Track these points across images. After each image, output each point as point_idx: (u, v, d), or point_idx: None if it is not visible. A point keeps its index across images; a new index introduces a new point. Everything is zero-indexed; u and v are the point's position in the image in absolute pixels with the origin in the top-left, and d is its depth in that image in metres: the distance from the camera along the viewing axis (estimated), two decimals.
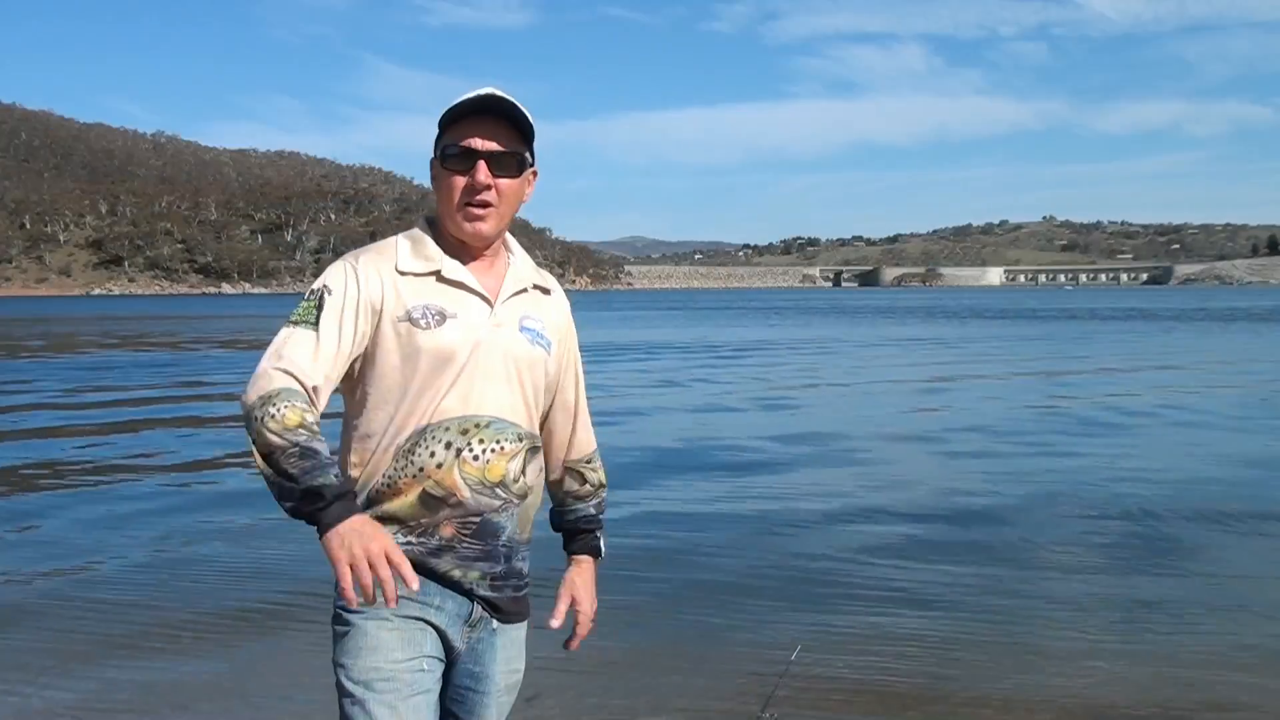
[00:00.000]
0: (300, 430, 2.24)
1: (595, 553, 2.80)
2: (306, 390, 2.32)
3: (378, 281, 2.46)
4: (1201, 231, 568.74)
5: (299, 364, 2.33)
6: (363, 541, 2.19)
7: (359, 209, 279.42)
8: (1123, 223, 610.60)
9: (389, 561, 2.18)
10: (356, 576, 2.17)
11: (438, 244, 2.54)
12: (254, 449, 2.26)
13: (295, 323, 2.40)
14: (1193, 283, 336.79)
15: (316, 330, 2.38)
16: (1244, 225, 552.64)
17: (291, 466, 2.22)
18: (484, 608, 2.53)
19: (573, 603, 2.74)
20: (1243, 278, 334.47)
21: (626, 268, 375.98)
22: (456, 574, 2.48)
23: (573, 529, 2.79)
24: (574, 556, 2.78)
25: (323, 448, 2.26)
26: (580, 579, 2.76)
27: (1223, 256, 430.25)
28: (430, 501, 2.44)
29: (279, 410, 2.24)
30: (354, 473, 2.48)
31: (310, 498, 2.22)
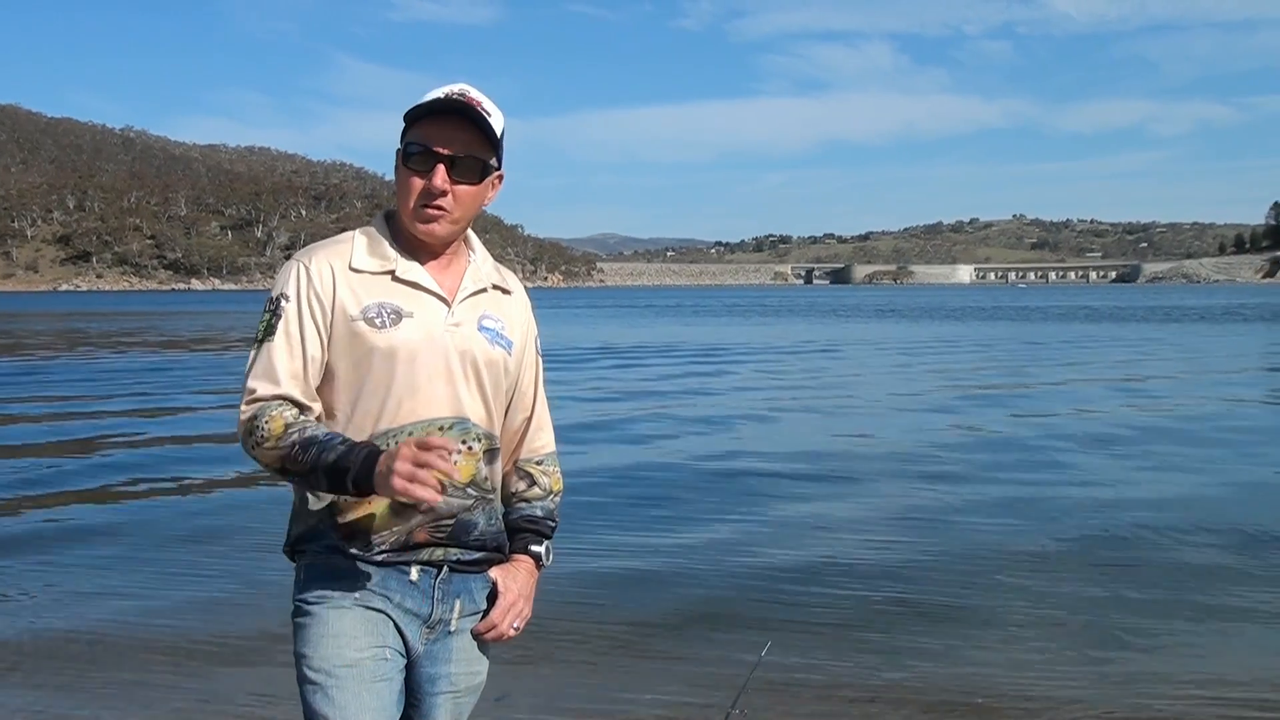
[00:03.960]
0: (289, 431, 2.30)
1: (534, 557, 2.65)
2: (286, 402, 2.35)
3: (330, 280, 2.42)
4: (1169, 230, 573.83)
5: (269, 384, 2.36)
6: (400, 465, 2.18)
7: (330, 205, 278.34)
8: (1092, 221, 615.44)
9: (424, 458, 2.18)
10: (422, 485, 2.18)
11: (396, 240, 2.50)
12: (271, 472, 2.36)
13: (260, 340, 2.41)
14: (1160, 281, 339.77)
15: (283, 344, 2.38)
16: (1211, 224, 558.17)
17: (303, 465, 2.28)
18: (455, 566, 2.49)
19: (495, 590, 2.58)
20: (1209, 276, 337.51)
21: (599, 265, 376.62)
22: (425, 554, 2.46)
23: (514, 527, 2.66)
24: (512, 555, 2.64)
25: (315, 429, 2.32)
26: (509, 575, 2.59)
27: (1190, 255, 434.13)
28: (400, 509, 2.40)
29: (264, 429, 2.30)
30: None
31: (335, 479, 2.27)
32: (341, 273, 2.43)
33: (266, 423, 2.31)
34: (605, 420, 16.33)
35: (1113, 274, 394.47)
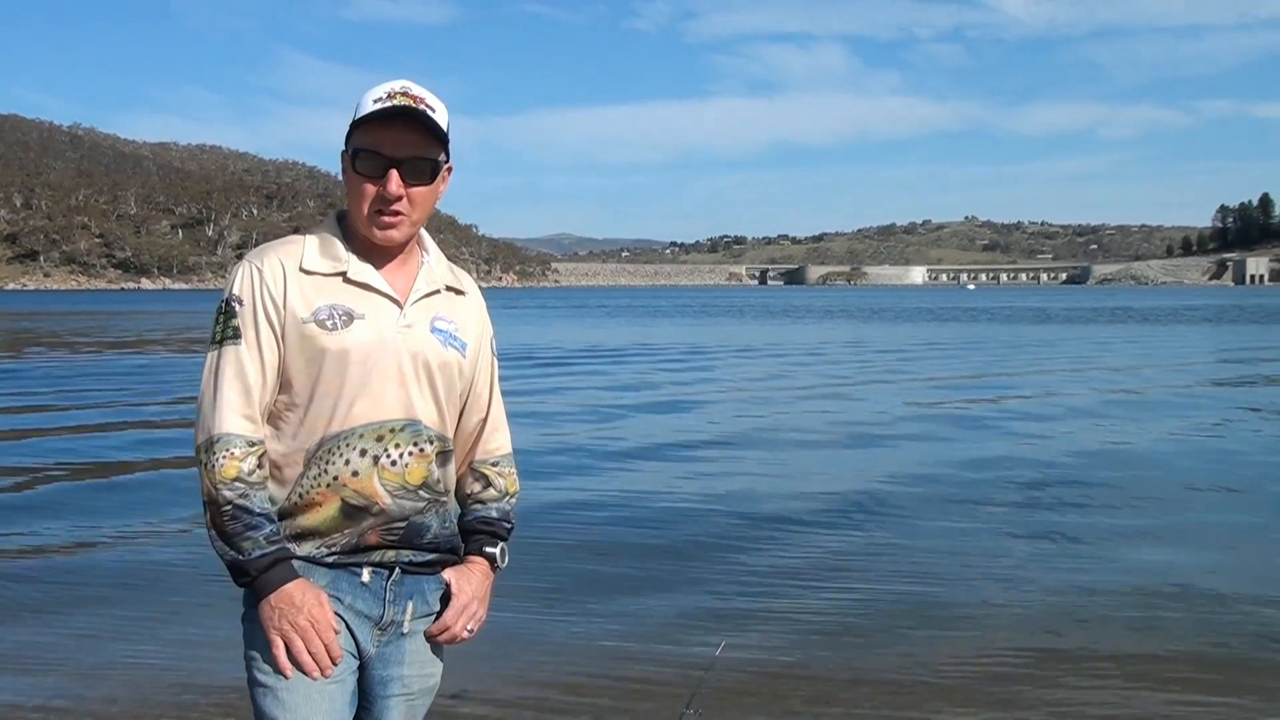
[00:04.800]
0: (236, 484, 2.31)
1: (489, 559, 2.62)
2: (248, 423, 2.36)
3: (281, 282, 2.39)
4: (1118, 232, 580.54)
5: (233, 398, 2.35)
6: (291, 616, 2.30)
7: (282, 204, 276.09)
8: (1042, 223, 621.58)
9: (318, 632, 2.31)
10: (289, 649, 2.31)
11: (348, 242, 2.47)
12: (200, 490, 2.37)
13: (217, 343, 2.39)
14: (1110, 282, 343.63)
15: (239, 349, 2.37)
16: (1159, 226, 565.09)
17: (224, 526, 2.32)
18: (407, 567, 2.49)
19: (449, 592, 2.55)
20: (1157, 278, 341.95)
21: (554, 265, 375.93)
22: (377, 556, 2.45)
23: (468, 529, 2.63)
24: (467, 557, 2.61)
25: (257, 502, 2.32)
26: (463, 576, 2.57)
27: (1138, 257, 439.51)
28: (352, 512, 2.39)
29: (217, 460, 2.31)
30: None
31: (235, 571, 2.34)
32: (293, 274, 2.40)
33: (222, 458, 2.31)
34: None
35: (1063, 275, 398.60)
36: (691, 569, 7.76)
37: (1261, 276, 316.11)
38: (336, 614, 2.39)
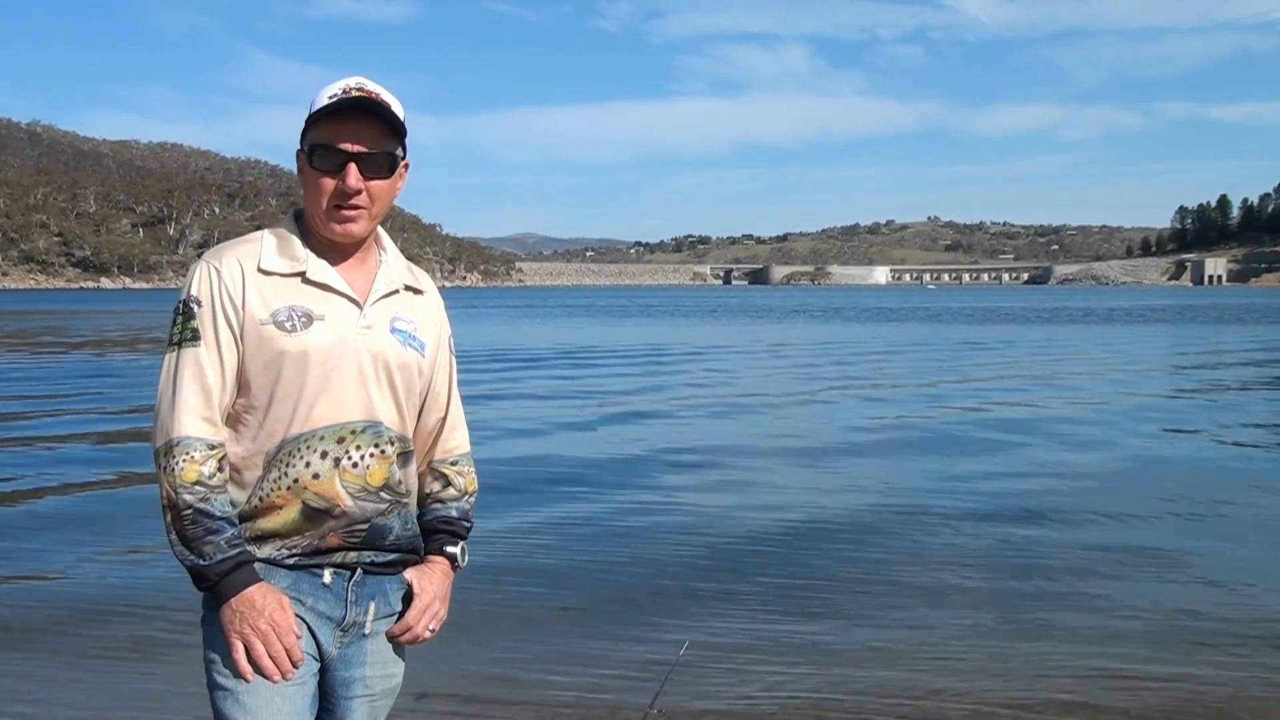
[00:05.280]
0: (196, 487, 2.29)
1: (450, 558, 2.62)
2: (207, 426, 2.34)
3: (240, 283, 2.37)
4: (1079, 233, 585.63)
5: (192, 401, 2.33)
6: (252, 620, 2.30)
7: (244, 203, 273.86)
8: (1004, 223, 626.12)
9: (279, 636, 2.31)
10: (249, 653, 2.31)
11: (306, 241, 2.45)
12: (160, 494, 2.35)
13: (175, 344, 2.37)
14: (1071, 282, 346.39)
15: (197, 351, 2.35)
16: (1119, 227, 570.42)
17: (184, 530, 2.30)
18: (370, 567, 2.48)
19: (410, 592, 2.54)
20: (1117, 278, 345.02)
21: (518, 264, 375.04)
22: (338, 557, 2.44)
23: (428, 528, 2.62)
24: (428, 556, 2.61)
25: (217, 505, 2.31)
26: (424, 576, 2.57)
27: (1099, 257, 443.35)
28: (313, 514, 2.38)
29: (177, 464, 2.30)
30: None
31: (196, 576, 2.33)
32: (251, 274, 2.39)
33: (184, 462, 2.30)
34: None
35: (1025, 275, 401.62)
36: (656, 570, 7.76)
37: (1220, 277, 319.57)
38: (298, 616, 2.38)
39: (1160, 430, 15.23)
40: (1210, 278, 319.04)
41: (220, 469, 2.34)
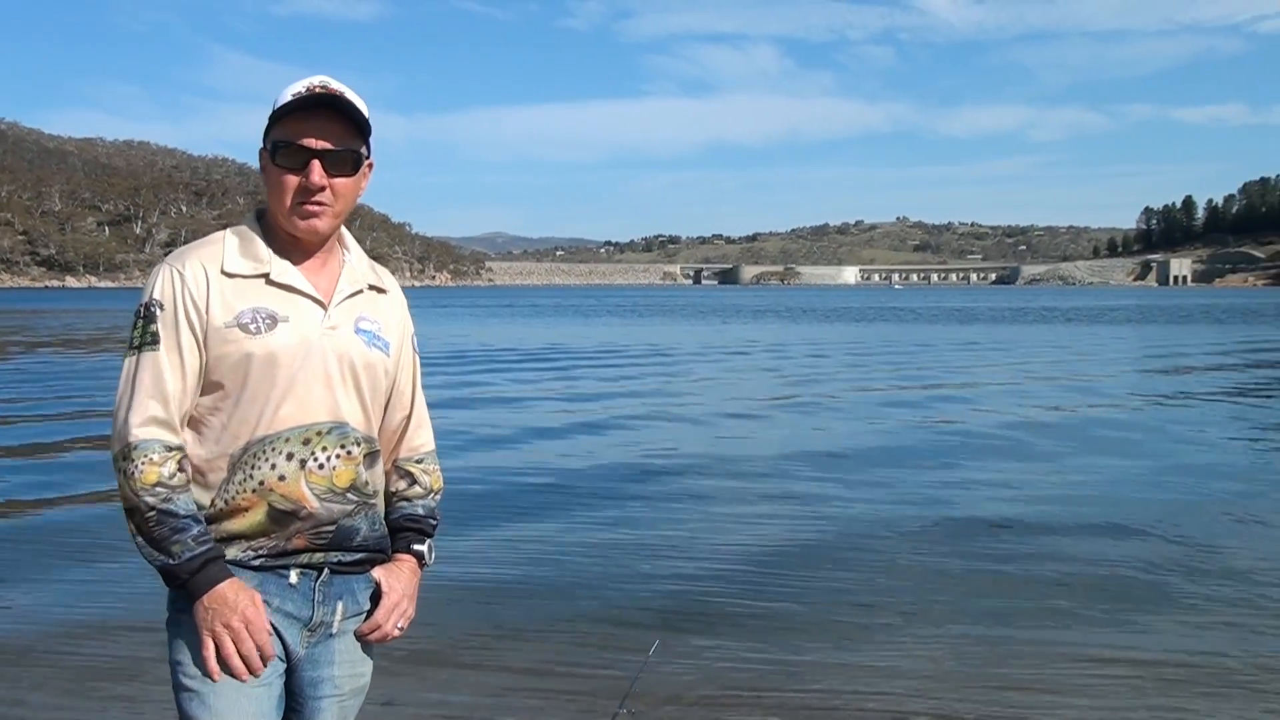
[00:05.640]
0: (157, 489, 2.27)
1: (417, 556, 2.61)
2: (165, 429, 2.32)
3: (204, 286, 2.36)
4: (1047, 233, 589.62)
5: (150, 404, 2.31)
6: (224, 617, 2.28)
7: (212, 201, 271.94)
8: (972, 224, 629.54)
9: (252, 633, 2.29)
10: (219, 650, 2.29)
11: (269, 240, 2.44)
12: (121, 499, 2.33)
13: (135, 348, 2.35)
14: (1038, 282, 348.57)
15: (157, 355, 2.33)
16: (1086, 228, 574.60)
17: (150, 532, 2.29)
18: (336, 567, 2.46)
19: (379, 590, 2.53)
20: (1084, 278, 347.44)
21: (488, 264, 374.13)
22: (304, 558, 2.42)
23: (395, 526, 2.61)
24: (395, 554, 2.59)
25: (181, 504, 2.29)
26: (392, 574, 2.55)
27: (1066, 257, 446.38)
28: (279, 516, 2.36)
29: (136, 467, 2.28)
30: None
31: (167, 576, 2.31)
32: (214, 277, 2.37)
33: (143, 464, 2.28)
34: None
35: (993, 276, 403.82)
36: (624, 572, 7.76)
37: (1184, 277, 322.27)
38: None
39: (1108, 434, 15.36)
40: (1175, 278, 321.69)
41: (181, 469, 2.32)
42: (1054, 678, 5.62)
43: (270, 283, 2.40)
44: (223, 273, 2.38)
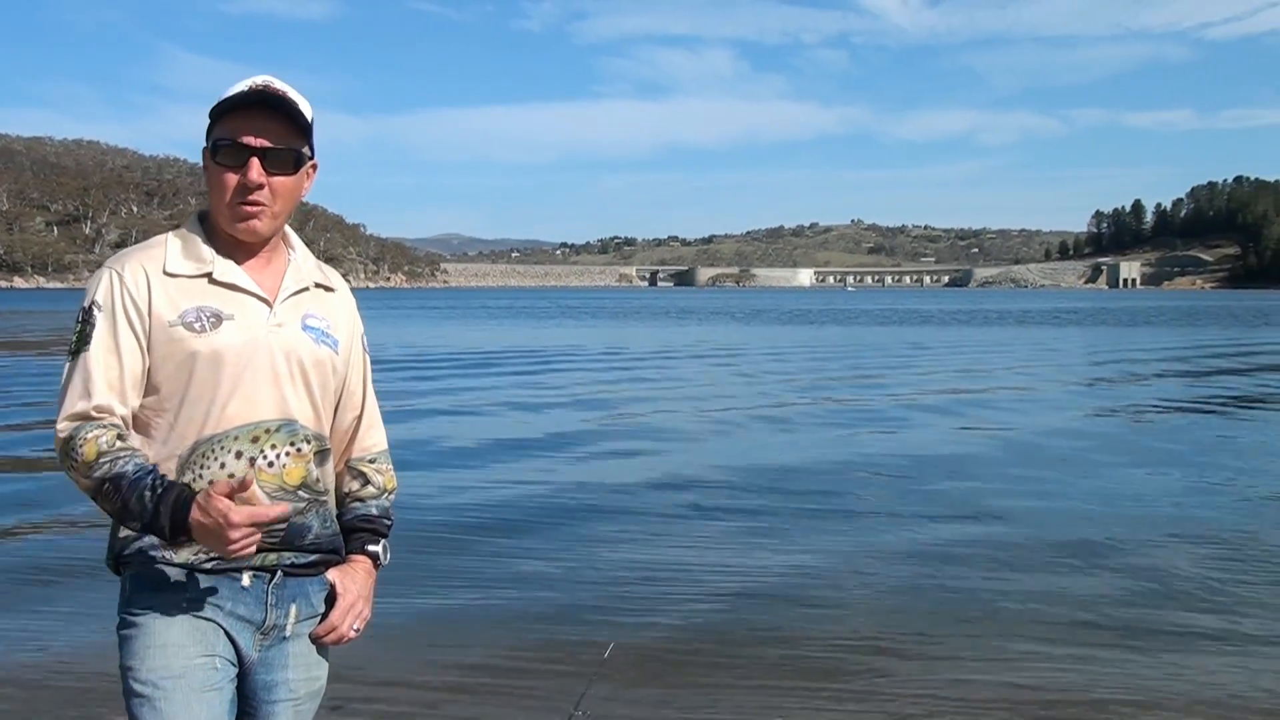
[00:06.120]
0: (100, 460, 2.24)
1: (372, 556, 2.60)
2: (94, 411, 2.29)
3: (145, 286, 2.34)
4: (999, 236, 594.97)
5: (85, 400, 2.29)
6: (213, 535, 2.20)
7: (163, 201, 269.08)
8: (926, 227, 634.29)
9: (237, 523, 2.18)
10: (234, 550, 2.21)
11: (211, 241, 2.42)
12: (80, 490, 2.32)
13: (74, 353, 2.33)
14: (991, 285, 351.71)
15: (88, 355, 2.31)
16: (1038, 231, 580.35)
17: (113, 505, 2.25)
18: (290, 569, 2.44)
19: (333, 592, 2.51)
20: (1036, 281, 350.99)
21: (443, 265, 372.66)
22: (257, 559, 2.38)
23: (349, 527, 2.59)
24: (349, 556, 2.57)
25: (129, 465, 2.25)
26: (347, 575, 2.54)
27: (1018, 260, 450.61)
28: None
29: (78, 452, 2.25)
30: None
31: (149, 530, 2.26)
32: (156, 277, 2.35)
33: (81, 445, 2.25)
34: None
35: (946, 278, 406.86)
36: (580, 573, 7.77)
37: (1134, 280, 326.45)
38: (213, 621, 2.35)
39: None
40: (1125, 281, 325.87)
41: (120, 437, 2.29)
42: None
43: (214, 282, 2.38)
44: (165, 273, 2.36)
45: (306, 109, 2.40)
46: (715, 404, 19.15)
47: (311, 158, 2.46)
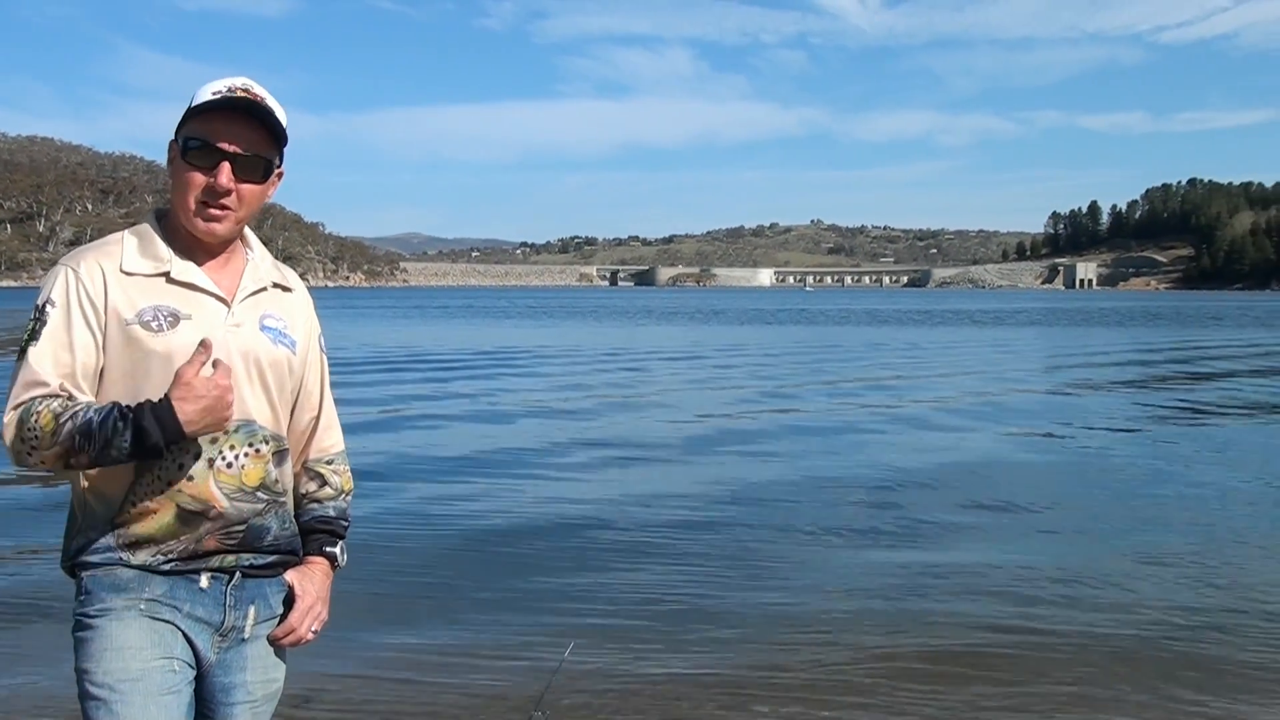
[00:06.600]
0: (61, 422, 2.19)
1: (329, 558, 2.59)
2: (41, 389, 2.24)
3: (101, 284, 2.31)
4: (957, 237, 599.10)
5: (36, 387, 2.24)
6: (210, 409, 2.22)
7: (119, 199, 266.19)
8: (885, 227, 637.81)
9: (227, 385, 2.24)
10: (221, 412, 2.24)
11: (169, 239, 2.40)
12: (57, 470, 2.27)
13: (24, 349, 2.29)
14: (949, 285, 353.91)
15: (47, 347, 2.27)
16: (995, 232, 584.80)
17: (91, 448, 2.19)
18: (248, 570, 2.42)
19: (292, 594, 2.50)
20: (994, 281, 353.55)
21: (403, 264, 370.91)
22: (215, 561, 2.38)
23: (306, 529, 2.58)
24: (307, 557, 2.57)
25: (87, 411, 2.20)
26: (305, 577, 2.53)
27: (976, 261, 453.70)
28: (189, 518, 2.32)
29: (34, 429, 2.20)
30: (88, 497, 2.35)
31: (142, 451, 2.22)
32: (113, 275, 2.32)
33: (35, 420, 2.19)
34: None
35: (905, 279, 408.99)
36: (538, 574, 7.76)
37: (1090, 281, 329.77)
38: (172, 623, 2.33)
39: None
40: (1082, 281, 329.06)
41: (70, 398, 2.24)
42: None
43: (171, 281, 2.35)
44: (121, 271, 2.33)
45: (282, 118, 2.39)
46: (664, 413, 19.17)
47: (280, 166, 2.45)
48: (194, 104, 2.33)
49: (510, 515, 9.74)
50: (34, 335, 2.28)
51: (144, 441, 2.19)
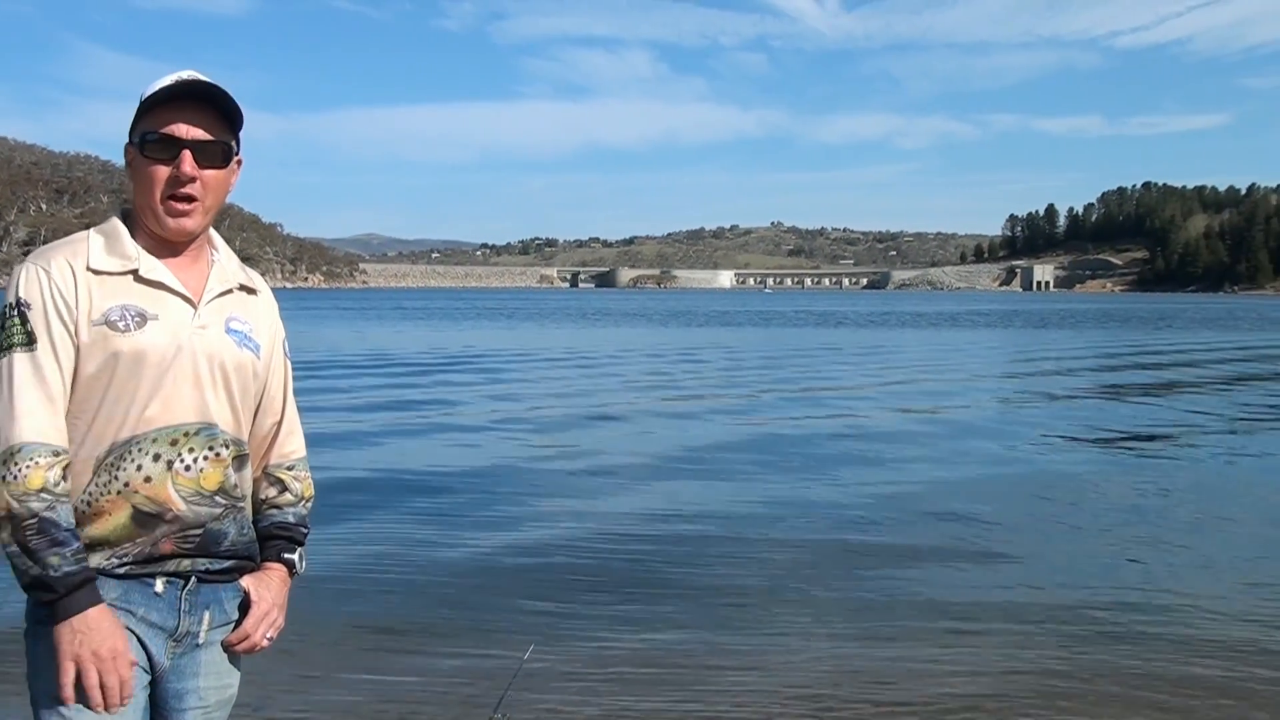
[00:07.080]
0: (42, 494, 2.18)
1: (288, 564, 2.56)
2: (52, 433, 2.23)
3: (71, 282, 2.28)
4: (916, 239, 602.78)
5: (34, 406, 2.22)
6: (93, 644, 2.20)
7: (74, 199, 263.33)
8: (845, 230, 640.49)
9: (117, 666, 2.21)
10: (81, 678, 2.20)
11: (135, 239, 2.37)
12: None
13: (7, 349, 2.24)
14: (908, 287, 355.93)
15: (35, 355, 2.24)
16: (954, 234, 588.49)
17: (27, 540, 2.17)
18: (204, 575, 2.39)
19: (248, 600, 2.47)
20: (952, 283, 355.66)
21: (362, 266, 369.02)
22: (171, 565, 2.35)
23: (265, 534, 2.55)
24: (264, 563, 2.53)
25: (63, 515, 2.21)
26: (262, 583, 2.50)
27: (935, 263, 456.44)
28: (144, 519, 2.29)
29: (20, 470, 2.18)
30: None
31: (39, 587, 2.19)
32: (81, 274, 2.30)
33: (26, 468, 2.18)
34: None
35: (864, 280, 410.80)
36: (498, 576, 7.76)
37: (1047, 283, 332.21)
38: (128, 628, 2.30)
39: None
40: (1039, 283, 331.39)
41: (65, 478, 2.23)
42: None
43: (139, 279, 2.33)
44: (89, 269, 2.31)
45: (236, 103, 2.38)
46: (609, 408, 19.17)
47: (238, 152, 2.44)
48: (145, 98, 2.32)
49: (471, 514, 9.71)
50: (22, 338, 2.25)
51: (49, 586, 2.19)
